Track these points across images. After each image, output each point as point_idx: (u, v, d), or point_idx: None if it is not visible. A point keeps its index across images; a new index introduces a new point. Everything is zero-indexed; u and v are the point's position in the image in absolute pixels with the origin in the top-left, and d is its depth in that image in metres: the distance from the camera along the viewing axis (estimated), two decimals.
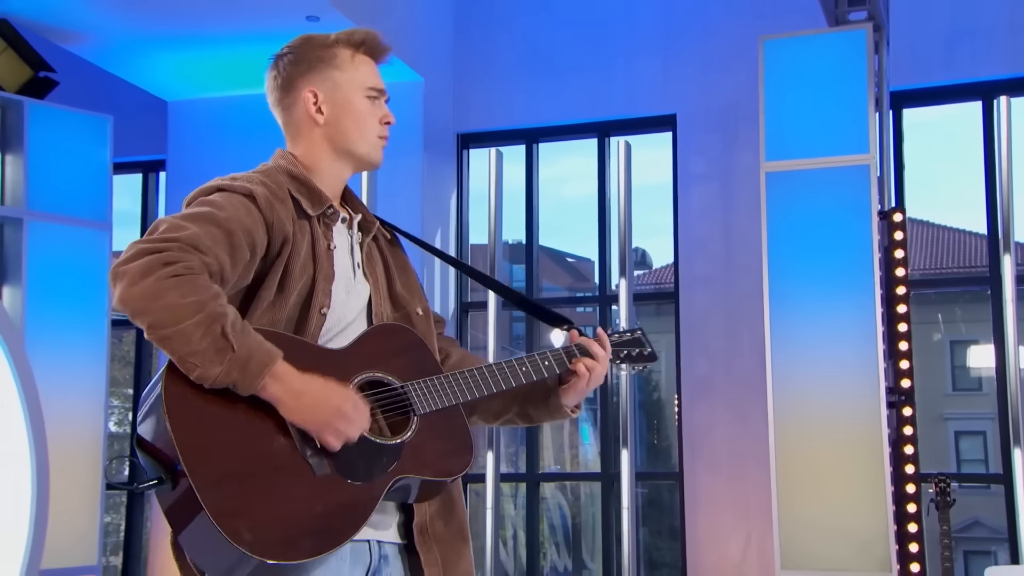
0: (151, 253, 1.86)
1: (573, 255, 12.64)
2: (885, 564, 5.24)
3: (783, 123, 5.76)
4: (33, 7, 6.72)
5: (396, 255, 2.33)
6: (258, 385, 1.85)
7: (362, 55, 2.28)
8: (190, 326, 1.81)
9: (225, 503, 1.81)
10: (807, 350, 5.53)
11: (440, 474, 2.06)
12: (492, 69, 7.63)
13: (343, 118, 2.21)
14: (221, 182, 2.08)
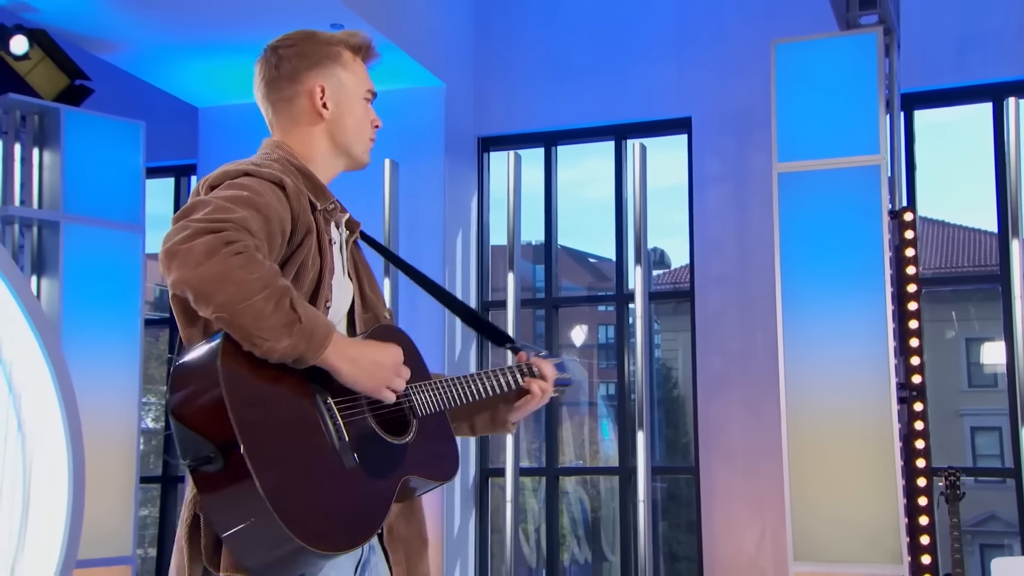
0: (209, 232, 1.81)
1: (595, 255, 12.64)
2: (896, 556, 5.25)
3: (795, 125, 5.77)
4: (69, 17, 6.80)
5: (360, 255, 2.30)
6: (321, 355, 1.85)
7: (359, 59, 2.27)
8: (260, 300, 1.78)
9: (279, 488, 1.78)
10: (819, 347, 5.53)
11: (436, 477, 2.10)
12: (511, 74, 7.66)
13: (345, 116, 2.20)
14: (246, 167, 2.04)
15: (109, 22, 6.79)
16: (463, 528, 7.30)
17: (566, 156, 7.72)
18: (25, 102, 6.80)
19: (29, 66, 6.98)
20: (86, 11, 6.67)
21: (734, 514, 6.76)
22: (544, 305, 7.63)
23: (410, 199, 7.16)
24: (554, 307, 7.58)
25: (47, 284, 6.45)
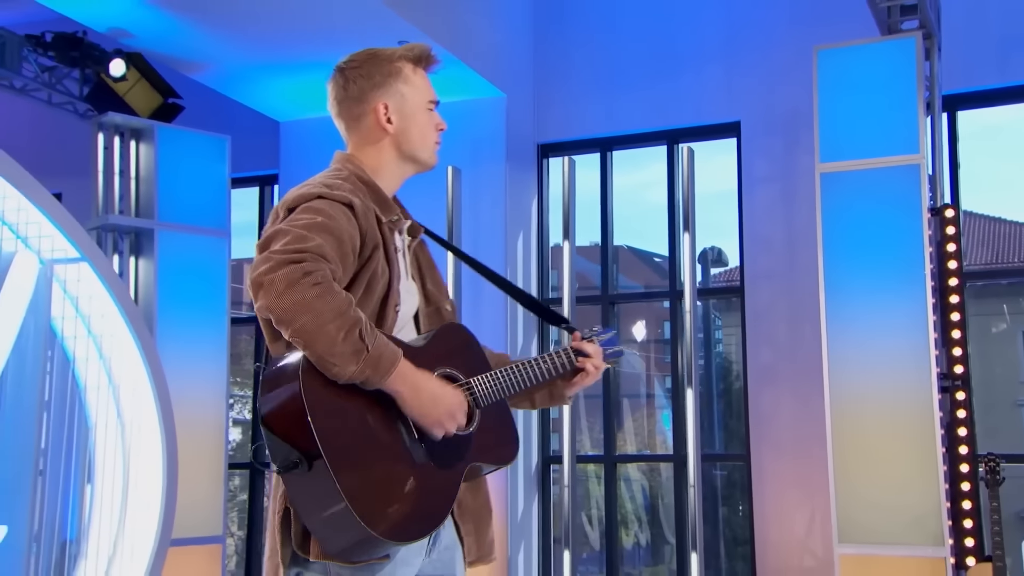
0: (290, 264, 1.91)
1: (660, 255, 12.67)
2: (938, 538, 5.22)
3: (837, 127, 5.75)
4: (162, 42, 7.05)
5: (424, 254, 2.37)
6: (386, 381, 1.95)
7: (421, 69, 2.32)
8: (332, 328, 1.88)
9: (357, 488, 1.90)
10: (862, 339, 5.52)
11: (498, 461, 2.20)
12: (569, 83, 7.73)
13: (410, 127, 2.26)
14: (319, 190, 2.12)
15: (197, 45, 7.02)
16: (526, 511, 7.41)
17: (631, 160, 7.76)
18: (123, 120, 7.09)
19: (127, 87, 7.26)
20: (177, 35, 6.90)
21: (784, 499, 6.76)
22: (601, 301, 7.70)
23: (473, 203, 7.27)
24: (610, 303, 7.65)
25: (143, 286, 6.71)
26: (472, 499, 2.24)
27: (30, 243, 5.25)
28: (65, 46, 7.19)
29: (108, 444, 5.57)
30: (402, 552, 2.05)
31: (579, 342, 2.39)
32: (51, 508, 5.41)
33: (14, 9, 7.41)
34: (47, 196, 5.23)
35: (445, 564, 2.19)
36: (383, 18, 6.47)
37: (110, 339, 5.46)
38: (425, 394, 2.00)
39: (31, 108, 7.84)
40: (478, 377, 2.17)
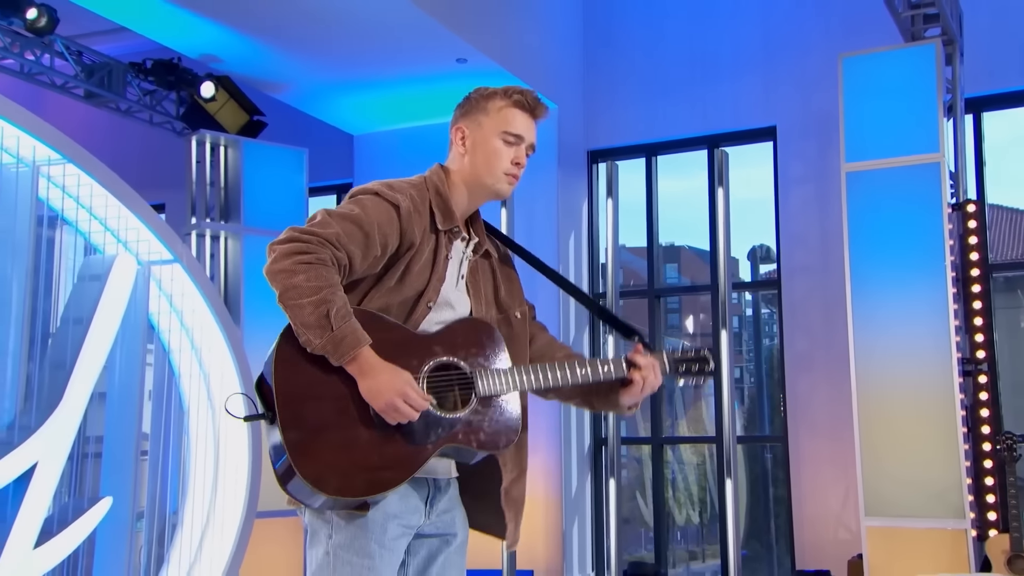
0: (294, 241, 2.02)
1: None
2: (959, 511, 5.21)
3: (862, 128, 5.77)
4: (247, 65, 7.29)
5: (504, 269, 2.38)
6: (344, 360, 2.00)
7: (513, 106, 2.31)
8: (306, 303, 1.97)
9: (301, 444, 1.96)
10: (887, 327, 5.53)
11: (485, 446, 2.13)
12: (616, 94, 7.80)
13: (478, 153, 2.28)
14: (379, 188, 2.20)
15: (278, 67, 7.24)
16: (580, 489, 7.51)
17: (691, 164, 7.72)
18: (214, 136, 7.35)
19: (217, 106, 7.53)
20: (260, 59, 7.14)
21: (820, 477, 6.76)
22: (646, 295, 7.76)
23: (527, 207, 7.38)
24: (656, 297, 7.71)
25: (231, 284, 6.95)
26: (517, 490, 2.28)
27: (130, 246, 5.47)
28: (163, 72, 7.48)
29: (200, 426, 5.78)
30: (394, 507, 2.08)
31: (636, 354, 2.30)
32: (152, 484, 5.64)
33: (119, 41, 7.73)
34: (144, 205, 5.45)
35: (446, 524, 2.22)
36: (443, 38, 6.60)
37: (200, 332, 5.66)
38: (374, 381, 2.00)
39: (135, 128, 8.13)
40: (485, 370, 2.15)
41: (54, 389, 4.94)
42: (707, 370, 2.40)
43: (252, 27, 6.68)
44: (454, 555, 2.24)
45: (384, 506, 2.07)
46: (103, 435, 5.50)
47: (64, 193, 5.26)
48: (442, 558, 2.22)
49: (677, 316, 9.50)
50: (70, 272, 5.35)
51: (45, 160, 5.10)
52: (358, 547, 2.05)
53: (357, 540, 2.05)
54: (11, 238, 5.01)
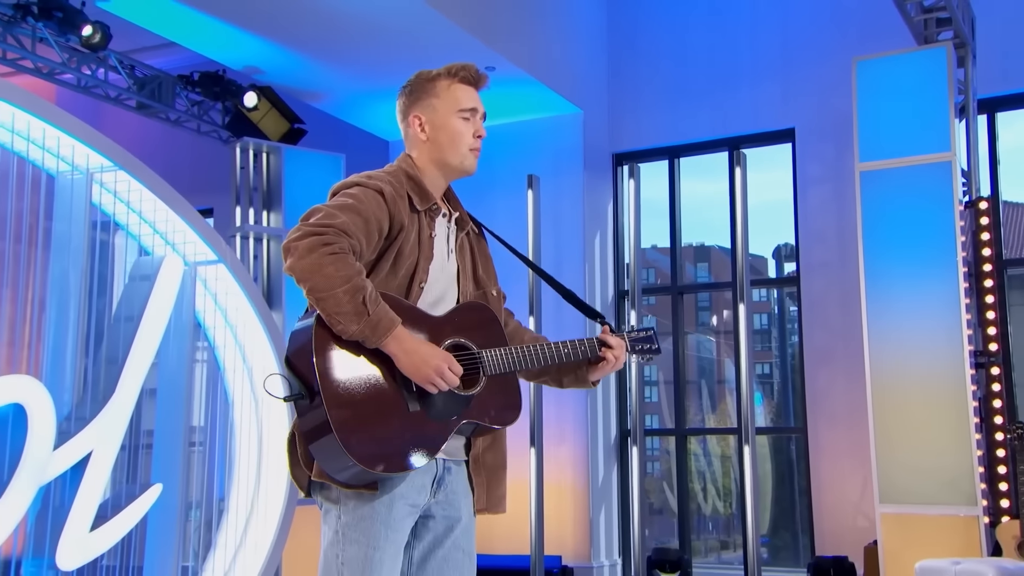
0: (314, 235, 2.03)
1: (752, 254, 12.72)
2: (971, 498, 5.22)
3: (876, 129, 5.79)
4: (288, 75, 7.45)
5: (481, 247, 2.43)
6: (382, 342, 2.03)
7: (458, 83, 2.35)
8: (340, 292, 1.99)
9: (344, 421, 2.00)
10: (900, 320, 5.56)
11: (496, 422, 2.20)
12: (640, 99, 7.85)
13: (440, 136, 2.30)
14: (359, 179, 2.24)
15: (317, 78, 7.39)
16: (606, 479, 7.57)
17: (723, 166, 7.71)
18: (256, 143, 7.50)
19: (259, 115, 7.68)
20: (300, 70, 7.29)
21: (838, 467, 6.77)
22: (669, 292, 7.80)
23: (555, 208, 7.45)
24: (679, 293, 7.75)
25: (273, 283, 7.10)
26: (491, 456, 2.29)
27: (177, 248, 5.63)
28: (209, 83, 7.64)
29: (245, 418, 5.92)
30: (400, 488, 2.11)
31: (606, 334, 2.38)
32: (201, 473, 5.79)
33: (168, 55, 7.91)
34: (190, 209, 5.60)
35: (453, 507, 2.22)
36: (472, 48, 6.70)
37: (244, 328, 5.80)
38: (416, 356, 2.04)
39: (185, 137, 8.29)
40: (490, 350, 2.20)
41: (108, 382, 5.10)
42: (655, 348, 2.48)
43: (292, 40, 6.83)
44: (459, 540, 2.23)
45: (391, 487, 2.09)
46: (154, 428, 5.67)
47: (116, 198, 5.43)
48: (449, 542, 2.22)
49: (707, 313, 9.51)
50: (123, 273, 5.52)
51: (99, 168, 5.26)
52: (364, 527, 2.06)
53: (364, 521, 2.07)
54: (68, 241, 5.19)
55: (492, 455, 2.30)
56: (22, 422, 4.67)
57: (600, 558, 7.39)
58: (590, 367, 2.38)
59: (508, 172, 7.34)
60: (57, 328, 5.14)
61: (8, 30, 6.51)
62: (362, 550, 2.07)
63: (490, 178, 7.73)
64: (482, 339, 2.22)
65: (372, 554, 2.07)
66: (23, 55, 6.68)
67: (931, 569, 4.51)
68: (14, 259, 5.03)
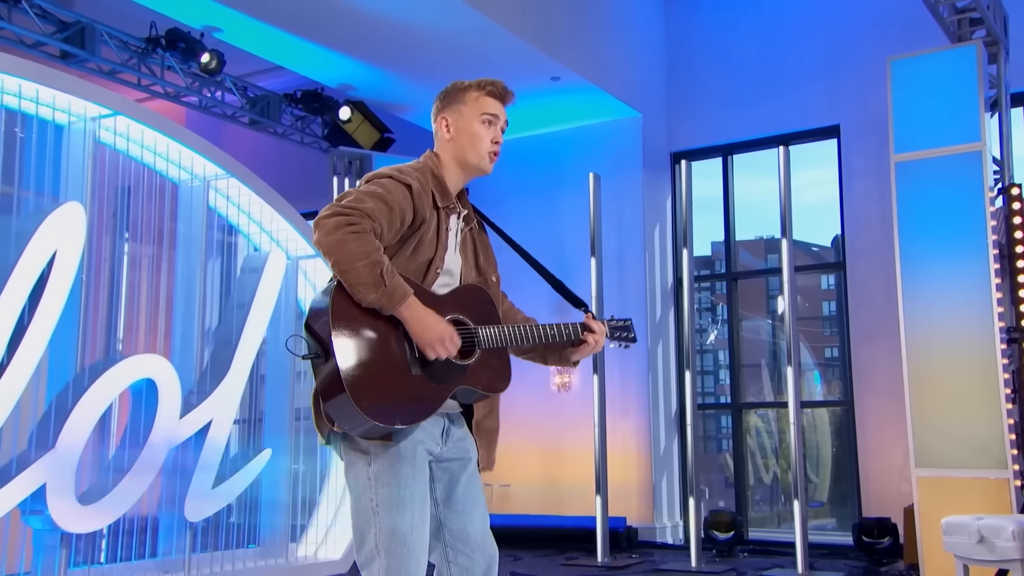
0: (341, 215, 2.12)
1: (817, 245, 12.58)
2: (1002, 463, 5.22)
3: (911, 123, 5.77)
4: (378, 91, 7.76)
5: (482, 238, 2.50)
6: (397, 309, 2.12)
7: (486, 95, 2.43)
8: (360, 266, 2.08)
9: (355, 379, 2.08)
10: (934, 299, 5.55)
11: (488, 389, 2.30)
12: (695, 101, 7.95)
13: (462, 137, 2.39)
14: (391, 171, 2.30)
15: (402, 92, 7.68)
16: (668, 448, 7.71)
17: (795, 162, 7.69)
18: (351, 152, 7.86)
19: (353, 127, 8.03)
20: (388, 86, 7.60)
21: (883, 436, 6.79)
22: (724, 278, 7.89)
23: (617, 204, 7.62)
24: (733, 280, 7.83)
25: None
26: (489, 422, 2.40)
27: (281, 244, 6.00)
28: (310, 100, 8.03)
29: None
30: (419, 435, 2.21)
31: (589, 320, 2.46)
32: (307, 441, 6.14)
33: (274, 77, 8.32)
34: (291, 210, 5.96)
35: (462, 449, 2.34)
36: (537, 59, 6.91)
37: None
38: (424, 323, 2.14)
39: (291, 148, 8.70)
40: (485, 326, 2.28)
41: (224, 361, 5.48)
42: (630, 336, 2.57)
43: (380, 59, 7.13)
44: (473, 474, 2.34)
45: (413, 435, 2.21)
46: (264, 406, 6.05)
47: (229, 202, 5.82)
48: (464, 477, 2.33)
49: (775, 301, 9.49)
50: (236, 266, 5.90)
51: (214, 176, 5.67)
52: (395, 471, 2.17)
53: (394, 466, 2.17)
54: (189, 240, 5.60)
55: (490, 421, 2.40)
56: (154, 395, 5.08)
57: (663, 520, 7.55)
58: (573, 348, 2.47)
59: (574, 172, 7.55)
60: (182, 315, 5.56)
61: (142, 60, 6.99)
62: (394, 490, 2.16)
63: (558, 178, 7.95)
64: (479, 317, 2.31)
65: (403, 492, 2.17)
66: (154, 81, 7.16)
67: (956, 524, 4.53)
68: (149, 258, 5.45)
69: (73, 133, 4.96)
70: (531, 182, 8.02)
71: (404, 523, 2.16)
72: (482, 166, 2.41)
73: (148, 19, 6.79)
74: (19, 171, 4.71)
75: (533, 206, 7.80)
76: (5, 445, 4.48)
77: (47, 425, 4.61)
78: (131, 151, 5.29)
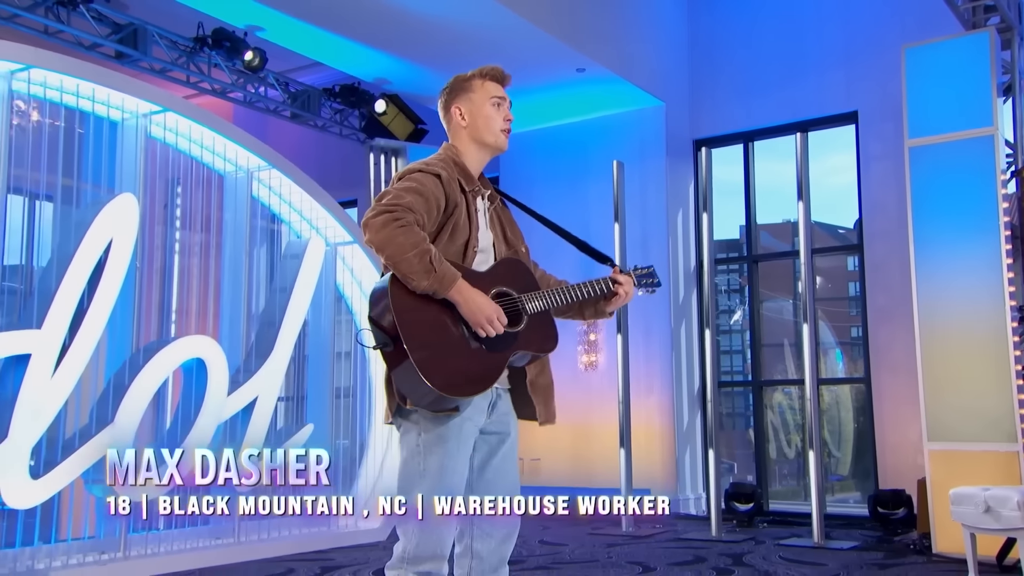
0: (385, 212, 2.22)
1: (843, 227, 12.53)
2: (1011, 436, 5.22)
3: (925, 109, 5.75)
4: (412, 84, 7.87)
5: (506, 214, 2.60)
6: (448, 292, 2.23)
7: (489, 80, 2.52)
8: (411, 256, 2.19)
9: (424, 360, 2.20)
10: (947, 279, 5.54)
11: (541, 350, 2.42)
12: (716, 89, 7.95)
13: (477, 120, 2.48)
14: (419, 165, 2.41)
15: (434, 83, 7.54)
16: (691, 424, 7.78)
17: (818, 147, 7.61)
18: (386, 143, 7.98)
19: (388, 119, 8.16)
20: (421, 79, 7.70)
21: (899, 412, 6.80)
22: (745, 260, 7.91)
23: (641, 190, 7.67)
24: (753, 262, 7.85)
25: None
26: (542, 380, 2.51)
27: (320, 231, 6.16)
28: (347, 94, 8.17)
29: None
30: (468, 410, 2.33)
31: (616, 274, 2.56)
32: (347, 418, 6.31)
33: (314, 73, 8.46)
34: (329, 199, 6.11)
35: (503, 424, 2.45)
36: (562, 53, 6.97)
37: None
38: (474, 304, 2.26)
39: (330, 140, 8.85)
40: (527, 293, 2.40)
41: (268, 341, 5.67)
42: (656, 281, 2.67)
43: (413, 54, 7.24)
44: (509, 450, 2.46)
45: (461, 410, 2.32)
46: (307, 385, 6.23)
47: (271, 192, 5.98)
48: (501, 451, 2.44)
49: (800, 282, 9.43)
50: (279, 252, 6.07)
51: (257, 167, 5.83)
52: (442, 442, 2.29)
53: (442, 437, 2.30)
54: (235, 228, 5.77)
55: (543, 379, 2.52)
56: (204, 373, 5.28)
57: (686, 491, 7.63)
58: (606, 301, 2.57)
59: (599, 160, 7.62)
60: (229, 298, 5.74)
61: (190, 59, 7.17)
62: (439, 460, 2.29)
63: (584, 166, 8.02)
64: (519, 286, 2.42)
65: (447, 463, 2.30)
66: (201, 78, 7.33)
67: (964, 494, 4.57)
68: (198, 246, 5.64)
69: (126, 129, 5.14)
70: (559, 170, 8.10)
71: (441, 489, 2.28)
72: (499, 143, 2.51)
73: (195, 20, 6.96)
74: (78, 165, 4.90)
75: (561, 193, 7.88)
76: (69, 419, 4.70)
77: (106, 401, 4.82)
78: (180, 145, 5.46)
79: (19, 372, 4.46)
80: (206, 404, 5.26)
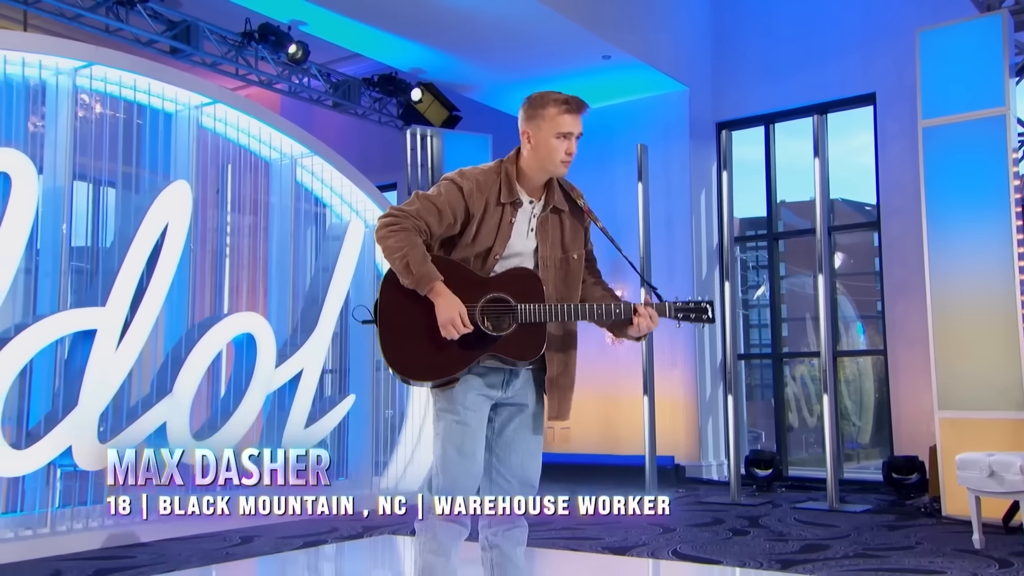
0: (388, 216, 2.43)
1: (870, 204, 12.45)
2: (1020, 405, 5.24)
3: (939, 90, 5.73)
4: (446, 73, 7.97)
5: (573, 222, 2.61)
6: (424, 292, 2.39)
7: (563, 113, 2.51)
8: (396, 257, 2.39)
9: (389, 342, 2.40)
10: (959, 253, 5.53)
11: (516, 357, 2.46)
12: (739, 73, 7.95)
13: (540, 149, 2.51)
14: (454, 176, 2.53)
15: (468, 73, 7.88)
16: (713, 396, 7.86)
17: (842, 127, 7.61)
18: (422, 129, 8.10)
19: (424, 107, 8.26)
20: (454, 68, 7.81)
21: (914, 382, 6.81)
22: (766, 238, 7.93)
23: (665, 172, 7.70)
24: (774, 239, 7.87)
25: None
26: (563, 380, 2.57)
27: (360, 214, 6.31)
28: (385, 83, 8.29)
29: None
30: (473, 382, 2.46)
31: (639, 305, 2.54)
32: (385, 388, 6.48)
33: (354, 64, 8.61)
34: (368, 183, 6.26)
35: (520, 397, 2.55)
36: (590, 41, 7.03)
37: None
38: (441, 304, 2.39)
39: (370, 127, 9.01)
40: (525, 304, 2.45)
41: (312, 317, 5.85)
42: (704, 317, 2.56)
43: (447, 44, 7.34)
44: (527, 419, 2.56)
45: (467, 382, 2.46)
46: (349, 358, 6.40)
47: (314, 177, 6.15)
48: (517, 420, 2.55)
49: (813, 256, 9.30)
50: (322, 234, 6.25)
51: (300, 155, 6.00)
52: (452, 409, 2.45)
53: (449, 403, 2.46)
54: (281, 211, 5.95)
55: (564, 379, 2.57)
56: (253, 347, 5.48)
57: (708, 458, 7.73)
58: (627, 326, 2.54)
59: (624, 144, 7.67)
60: (277, 277, 5.93)
61: (239, 53, 7.35)
62: (450, 424, 2.45)
63: (610, 149, 8.07)
64: (519, 295, 2.47)
65: (455, 427, 2.45)
66: (249, 71, 7.52)
67: (969, 460, 4.61)
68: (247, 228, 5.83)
69: (179, 120, 5.33)
70: (585, 153, 8.02)
71: (453, 449, 2.44)
72: (557, 173, 2.55)
73: (243, 16, 7.12)
74: (137, 154, 5.11)
75: (587, 176, 7.89)
76: (132, 389, 4.93)
77: (165, 373, 5.04)
78: (229, 134, 5.65)
79: (87, 346, 4.70)
80: (255, 376, 5.46)
